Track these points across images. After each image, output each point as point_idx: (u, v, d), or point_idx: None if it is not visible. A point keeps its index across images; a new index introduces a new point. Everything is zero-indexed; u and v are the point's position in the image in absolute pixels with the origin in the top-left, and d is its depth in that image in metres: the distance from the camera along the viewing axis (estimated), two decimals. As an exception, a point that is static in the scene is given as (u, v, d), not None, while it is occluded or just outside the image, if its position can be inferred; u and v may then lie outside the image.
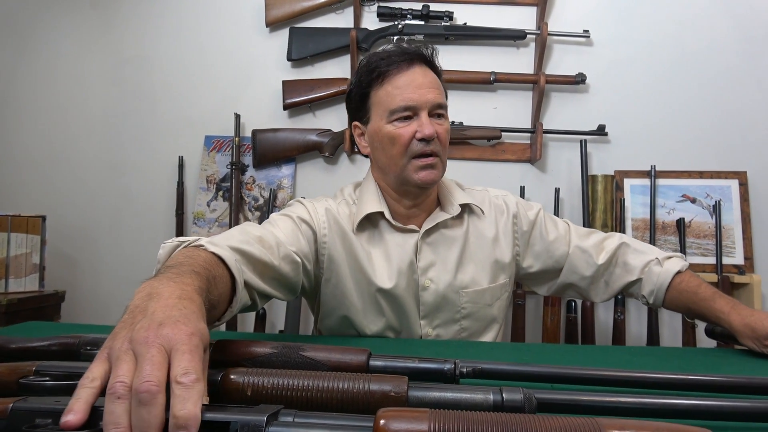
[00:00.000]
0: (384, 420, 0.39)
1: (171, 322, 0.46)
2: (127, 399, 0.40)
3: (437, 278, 1.12)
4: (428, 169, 1.06)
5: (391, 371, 0.60)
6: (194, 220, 2.10)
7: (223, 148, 2.13)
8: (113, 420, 0.39)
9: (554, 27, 2.03)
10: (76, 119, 2.20)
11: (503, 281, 1.17)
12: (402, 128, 1.06)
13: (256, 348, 0.61)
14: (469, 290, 1.13)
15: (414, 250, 1.11)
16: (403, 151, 1.06)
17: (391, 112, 1.06)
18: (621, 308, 1.90)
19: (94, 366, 0.44)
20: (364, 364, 0.60)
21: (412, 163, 1.06)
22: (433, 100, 1.06)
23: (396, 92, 1.06)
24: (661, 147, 2.04)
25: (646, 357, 0.93)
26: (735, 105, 2.04)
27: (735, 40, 2.05)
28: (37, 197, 2.17)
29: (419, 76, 1.07)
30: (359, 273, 1.10)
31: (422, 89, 1.06)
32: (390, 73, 1.07)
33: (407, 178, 1.08)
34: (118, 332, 0.46)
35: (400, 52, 1.09)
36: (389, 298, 1.10)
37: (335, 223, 1.10)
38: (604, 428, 0.39)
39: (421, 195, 1.13)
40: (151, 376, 0.41)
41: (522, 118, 2.08)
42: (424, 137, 1.04)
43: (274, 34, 2.15)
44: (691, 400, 0.50)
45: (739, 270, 1.90)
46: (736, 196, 1.97)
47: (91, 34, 2.21)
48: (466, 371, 0.61)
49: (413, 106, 1.05)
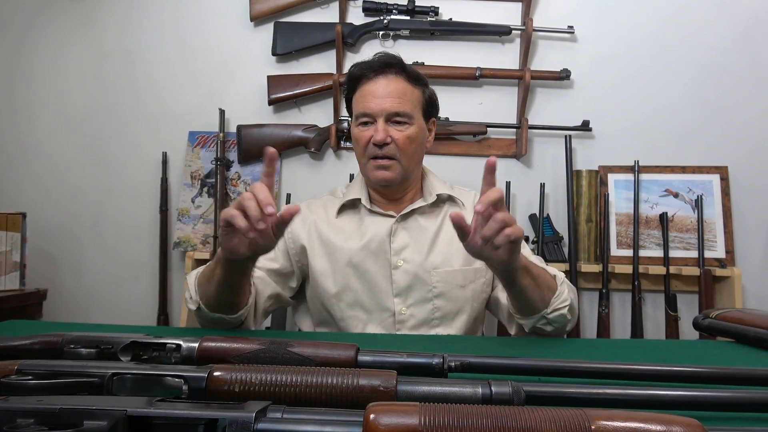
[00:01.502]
0: (374, 414, 0.39)
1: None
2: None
3: (410, 258, 1.21)
4: (381, 170, 1.19)
5: (380, 366, 0.60)
6: (179, 217, 2.08)
7: (208, 144, 2.11)
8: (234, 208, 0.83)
9: (539, 23, 2.04)
10: (57, 114, 2.16)
11: (479, 266, 1.22)
12: (363, 132, 1.20)
13: (243, 344, 0.61)
14: (440, 270, 1.20)
15: (389, 233, 1.22)
16: (362, 151, 1.21)
17: (356, 116, 1.22)
18: (606, 302, 1.93)
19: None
20: (353, 359, 0.60)
21: (370, 162, 1.20)
22: (389, 108, 1.17)
23: (360, 99, 1.21)
24: (644, 142, 2.07)
25: (630, 349, 0.94)
26: (717, 100, 2.07)
27: (717, 37, 2.08)
28: (17, 194, 2.13)
29: (381, 87, 1.19)
30: (328, 250, 1.21)
31: (380, 98, 1.18)
32: (361, 81, 1.21)
33: (367, 175, 1.23)
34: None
35: (375, 61, 1.21)
36: (358, 273, 1.19)
37: (303, 220, 1.24)
38: (593, 419, 0.39)
39: (388, 191, 1.24)
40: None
41: (507, 113, 2.09)
42: (376, 142, 1.17)
43: (259, 28, 2.13)
44: (678, 391, 0.50)
45: (720, 263, 1.93)
46: (718, 190, 2.00)
47: (72, 26, 2.17)
48: (454, 365, 0.62)
49: (369, 113, 1.19)
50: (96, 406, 0.41)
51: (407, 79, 1.21)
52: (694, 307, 1.96)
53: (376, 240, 1.21)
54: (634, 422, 0.39)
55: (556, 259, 1.95)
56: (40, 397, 0.44)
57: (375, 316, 1.19)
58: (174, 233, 2.07)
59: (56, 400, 0.42)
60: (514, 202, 2.06)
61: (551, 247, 1.98)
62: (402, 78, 1.20)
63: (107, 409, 0.41)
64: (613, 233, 2.01)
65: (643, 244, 1.99)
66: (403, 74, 1.21)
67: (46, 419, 0.41)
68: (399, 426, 0.38)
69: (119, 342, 0.64)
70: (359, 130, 1.21)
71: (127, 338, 0.64)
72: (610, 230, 2.00)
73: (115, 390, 0.51)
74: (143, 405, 0.42)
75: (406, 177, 1.22)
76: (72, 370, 0.51)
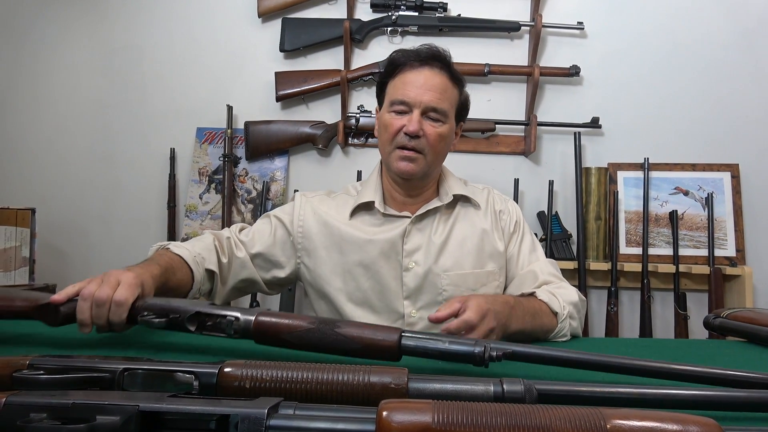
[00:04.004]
0: (387, 412, 0.38)
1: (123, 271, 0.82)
2: (90, 301, 0.77)
3: (421, 261, 1.18)
4: (406, 161, 1.16)
5: (422, 352, 0.62)
6: (186, 213, 2.09)
7: (215, 140, 2.11)
8: (81, 312, 0.77)
9: (548, 19, 2.03)
10: (65, 111, 2.17)
11: (491, 269, 1.20)
12: (395, 119, 1.16)
13: (295, 321, 0.65)
14: (451, 273, 1.18)
15: (402, 234, 1.19)
16: (391, 139, 1.17)
17: (391, 102, 1.18)
18: (614, 300, 1.91)
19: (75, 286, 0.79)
20: (396, 343, 0.61)
21: (396, 152, 1.17)
22: (427, 101, 1.14)
23: (400, 85, 1.17)
24: (654, 139, 2.05)
25: (641, 348, 0.93)
26: (728, 97, 2.05)
27: (728, 32, 2.06)
28: (26, 190, 2.14)
29: (424, 77, 1.16)
30: (340, 250, 1.19)
31: (421, 89, 1.14)
32: (403, 68, 1.18)
33: (390, 164, 1.19)
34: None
35: (423, 51, 1.19)
36: (369, 273, 1.17)
37: (315, 213, 1.23)
38: (608, 418, 0.39)
39: (407, 185, 1.21)
40: (104, 291, 0.77)
41: (516, 110, 2.08)
42: (408, 132, 1.13)
43: (267, 24, 2.13)
44: (694, 390, 0.50)
45: (731, 262, 1.92)
46: (728, 188, 1.98)
47: (79, 24, 2.17)
48: (495, 355, 0.61)
49: (407, 102, 1.15)
50: (108, 402, 0.41)
51: (450, 77, 1.19)
52: (703, 306, 1.94)
53: (389, 242, 1.18)
54: (649, 422, 0.38)
55: (565, 257, 1.94)
56: (53, 391, 0.44)
57: (383, 317, 1.18)
58: (182, 229, 2.08)
59: (68, 395, 0.42)
60: (523, 200, 2.05)
61: (560, 245, 1.97)
62: (445, 74, 1.18)
63: (120, 405, 0.41)
64: (623, 231, 2.00)
65: (652, 242, 1.97)
66: (447, 71, 1.19)
67: (59, 414, 0.41)
68: (412, 423, 0.38)
69: (186, 311, 0.71)
70: (391, 116, 1.17)
71: (193, 308, 0.71)
72: (619, 228, 1.99)
73: (125, 385, 0.51)
74: (155, 400, 0.42)
75: (427, 174, 1.20)
76: (83, 365, 0.51)
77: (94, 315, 0.77)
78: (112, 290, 0.77)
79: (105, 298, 0.76)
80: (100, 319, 0.77)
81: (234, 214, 2.07)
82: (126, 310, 0.77)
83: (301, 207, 1.24)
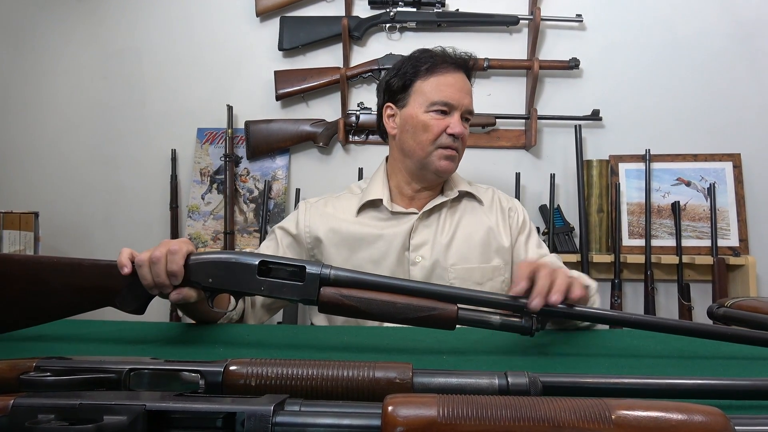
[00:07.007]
0: (392, 406, 0.39)
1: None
2: (147, 265, 0.80)
3: (428, 255, 1.21)
4: (449, 160, 1.22)
5: (478, 321, 0.74)
6: (189, 214, 2.09)
7: (216, 140, 2.11)
8: (143, 278, 0.80)
9: (547, 12, 2.02)
10: (67, 113, 2.18)
11: (497, 264, 1.23)
12: (437, 120, 1.20)
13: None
14: (458, 267, 1.20)
15: (409, 230, 1.22)
16: (433, 139, 1.21)
17: (431, 103, 1.21)
18: (618, 292, 1.91)
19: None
20: (454, 313, 0.73)
21: (438, 151, 1.21)
22: (467, 105, 1.23)
23: (442, 87, 1.21)
24: (655, 131, 2.05)
25: (645, 339, 0.93)
26: (728, 87, 2.04)
27: (727, 23, 2.05)
28: (29, 194, 2.15)
29: (462, 82, 1.24)
30: (349, 246, 1.22)
31: (461, 93, 1.22)
32: (439, 70, 1.22)
33: (429, 164, 1.22)
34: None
35: (458, 56, 1.26)
36: (377, 269, 1.18)
37: (321, 215, 1.25)
38: (613, 408, 0.39)
39: (433, 182, 1.26)
40: (158, 250, 0.80)
41: (516, 104, 2.07)
42: (454, 134, 1.20)
43: (265, 23, 2.12)
44: (698, 380, 0.50)
45: (734, 252, 1.92)
46: (731, 178, 1.98)
47: (79, 26, 2.18)
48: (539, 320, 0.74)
49: (452, 104, 1.20)
50: (115, 402, 0.41)
51: (471, 83, 1.28)
52: (707, 296, 1.94)
53: (397, 238, 1.21)
54: (655, 411, 0.38)
55: (568, 250, 1.94)
56: (59, 393, 0.44)
57: None
58: (185, 230, 2.08)
59: (75, 396, 0.42)
60: (524, 194, 2.05)
61: (562, 238, 1.97)
62: (469, 80, 1.27)
63: (126, 404, 0.41)
64: (625, 223, 2.00)
65: (655, 233, 1.97)
66: (470, 77, 1.28)
67: (67, 415, 0.41)
68: (418, 417, 0.38)
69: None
70: (432, 116, 1.20)
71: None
72: (622, 220, 1.99)
73: (132, 385, 0.51)
74: (162, 400, 0.42)
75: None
76: (89, 366, 0.51)
77: (153, 273, 0.79)
78: (165, 248, 0.79)
79: (159, 255, 0.78)
80: (159, 276, 0.78)
81: (236, 213, 2.07)
82: (182, 257, 0.78)
83: (306, 212, 1.27)
